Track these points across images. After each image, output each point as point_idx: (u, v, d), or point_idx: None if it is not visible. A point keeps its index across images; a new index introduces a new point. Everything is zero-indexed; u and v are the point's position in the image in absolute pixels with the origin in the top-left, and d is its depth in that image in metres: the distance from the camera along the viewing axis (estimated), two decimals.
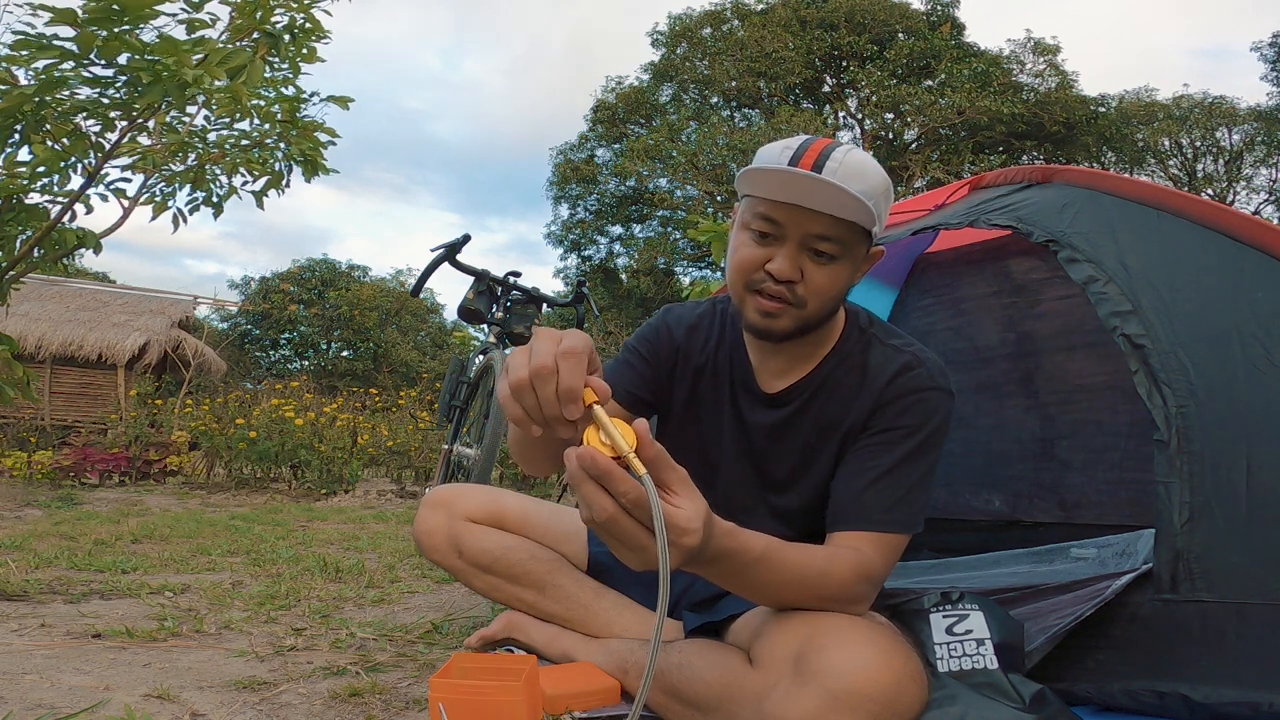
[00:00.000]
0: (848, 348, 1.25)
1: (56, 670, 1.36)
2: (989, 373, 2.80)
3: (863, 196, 1.06)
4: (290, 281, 18.70)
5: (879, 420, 1.19)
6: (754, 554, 0.98)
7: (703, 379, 1.31)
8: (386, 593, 2.21)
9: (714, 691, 1.08)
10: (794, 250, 1.11)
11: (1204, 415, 1.22)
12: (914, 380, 1.19)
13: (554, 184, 22.03)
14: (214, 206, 2.97)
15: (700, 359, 1.31)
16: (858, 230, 1.12)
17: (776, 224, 1.11)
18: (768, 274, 1.12)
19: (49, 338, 9.98)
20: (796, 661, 0.99)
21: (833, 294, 1.15)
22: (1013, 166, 1.95)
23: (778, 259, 1.11)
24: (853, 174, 1.09)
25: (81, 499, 4.85)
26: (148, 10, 2.11)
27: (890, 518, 1.13)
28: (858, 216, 1.09)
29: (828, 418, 1.23)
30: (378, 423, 7.48)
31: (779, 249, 1.12)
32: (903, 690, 0.97)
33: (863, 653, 0.97)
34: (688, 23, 21.18)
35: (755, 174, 1.10)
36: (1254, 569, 1.12)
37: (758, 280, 1.13)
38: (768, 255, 1.12)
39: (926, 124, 18.81)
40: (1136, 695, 1.15)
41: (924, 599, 1.25)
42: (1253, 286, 1.28)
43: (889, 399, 1.19)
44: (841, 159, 1.10)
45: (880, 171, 1.14)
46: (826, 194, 1.06)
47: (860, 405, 1.21)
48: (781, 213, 1.10)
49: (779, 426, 1.25)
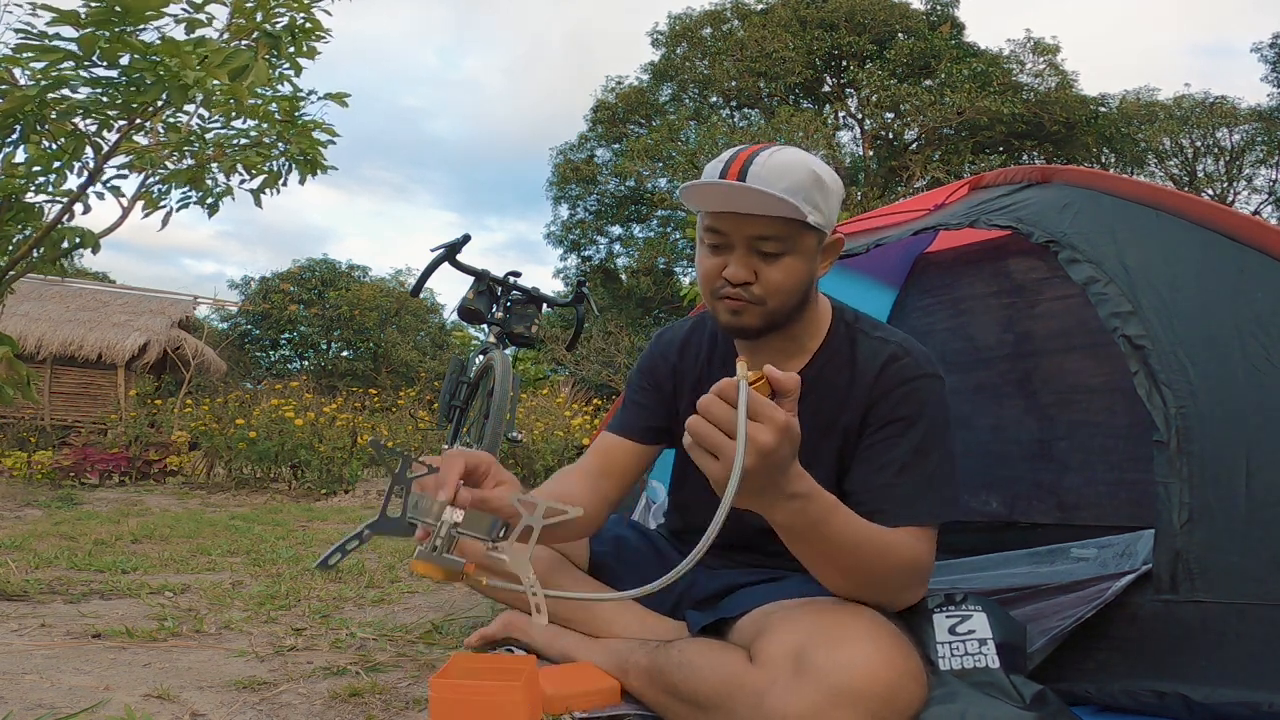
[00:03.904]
0: (835, 343, 1.30)
1: (56, 670, 1.36)
2: (988, 373, 2.80)
3: (787, 194, 1.13)
4: (290, 281, 18.69)
5: (877, 415, 1.23)
6: (830, 501, 1.03)
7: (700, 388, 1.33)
8: (386, 593, 2.21)
9: (713, 689, 1.09)
10: (743, 254, 1.19)
11: (1203, 416, 1.22)
12: (903, 370, 1.24)
13: (554, 184, 22.02)
14: (209, 207, 2.97)
15: (695, 373, 1.39)
16: (795, 225, 1.17)
17: (721, 233, 1.19)
18: (724, 280, 1.20)
19: (49, 338, 9.98)
20: (796, 659, 1.00)
21: (790, 287, 1.21)
22: (1013, 166, 1.95)
23: (731, 265, 1.19)
24: (775, 174, 1.15)
25: (81, 499, 4.85)
26: (149, 11, 2.11)
27: (920, 510, 1.16)
28: (786, 212, 1.14)
29: (824, 413, 1.27)
30: (377, 423, 7.48)
31: (730, 255, 1.20)
32: (902, 688, 0.97)
33: (862, 650, 0.98)
34: (688, 22, 21.17)
35: (691, 191, 1.17)
36: (1254, 569, 1.12)
37: (719, 287, 1.21)
38: (723, 263, 1.20)
39: (926, 124, 18.80)
40: (1137, 695, 1.15)
41: (927, 599, 1.25)
42: (1252, 287, 1.28)
43: (882, 392, 1.23)
44: (764, 162, 1.17)
45: (807, 165, 1.18)
46: (751, 198, 1.14)
47: (855, 400, 1.25)
48: (723, 222, 1.18)
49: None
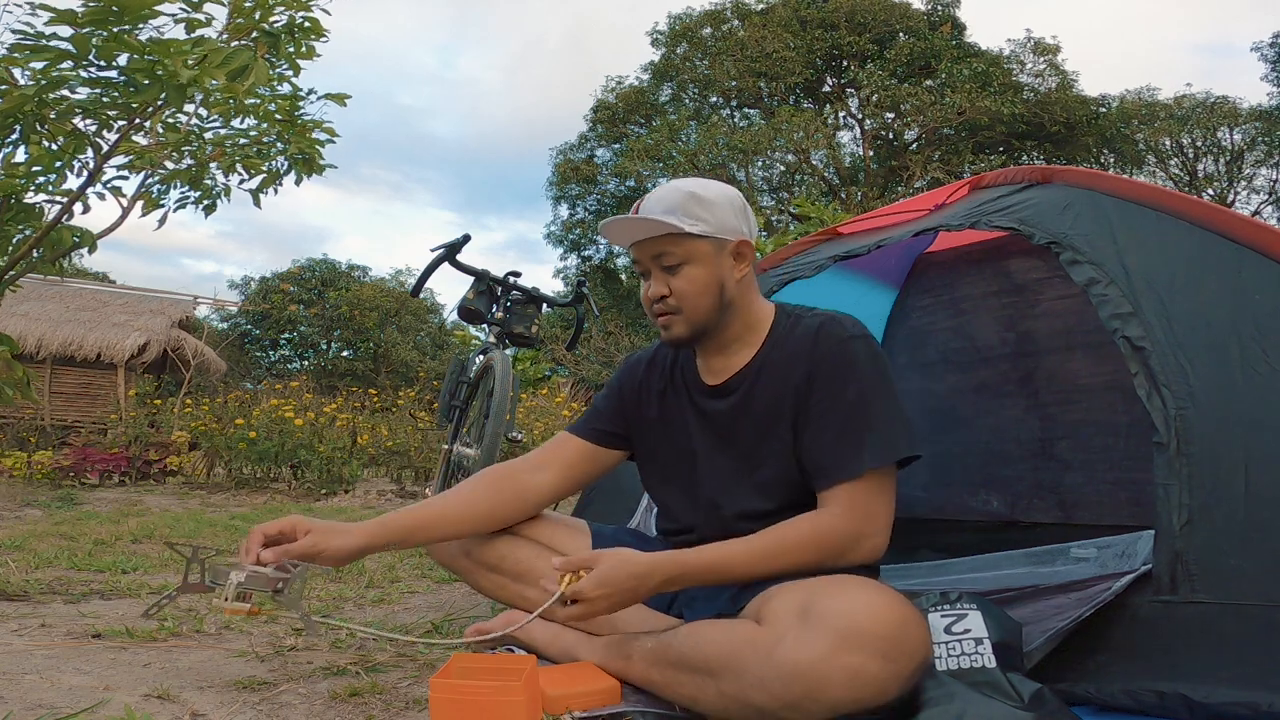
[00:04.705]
0: (778, 334, 1.42)
1: (56, 670, 1.36)
2: (988, 373, 2.81)
3: (662, 215, 1.32)
4: (290, 281, 18.70)
5: (818, 382, 1.33)
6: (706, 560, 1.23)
7: (666, 397, 1.52)
8: (386, 593, 2.22)
9: (722, 651, 1.11)
10: (656, 274, 1.38)
11: (1203, 417, 1.22)
12: (833, 334, 1.34)
13: (554, 184, 22.02)
14: (206, 207, 2.97)
15: (660, 383, 1.53)
16: (681, 237, 1.34)
17: (638, 261, 1.40)
18: (650, 300, 1.39)
19: (49, 338, 9.97)
20: (802, 611, 1.05)
21: (697, 290, 1.36)
22: (1013, 167, 1.95)
23: (649, 286, 1.39)
24: (654, 201, 1.36)
25: (81, 499, 4.85)
26: (146, 10, 2.11)
27: (864, 457, 1.25)
28: (662, 230, 1.33)
29: (774, 392, 1.37)
30: (377, 423, 7.48)
31: (650, 279, 1.39)
32: (908, 629, 1.02)
33: (865, 595, 1.04)
34: (688, 22, 21.16)
35: (605, 230, 1.39)
36: (1253, 570, 1.12)
37: (652, 308, 1.40)
38: (648, 286, 1.40)
39: (927, 124, 18.80)
40: (1137, 695, 1.15)
41: (922, 599, 1.25)
42: (1252, 288, 1.28)
43: (818, 359, 1.34)
44: (650, 195, 1.37)
45: (682, 188, 1.35)
46: (637, 225, 1.34)
47: (797, 372, 1.35)
48: (634, 252, 1.39)
49: (733, 411, 1.42)
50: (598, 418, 1.57)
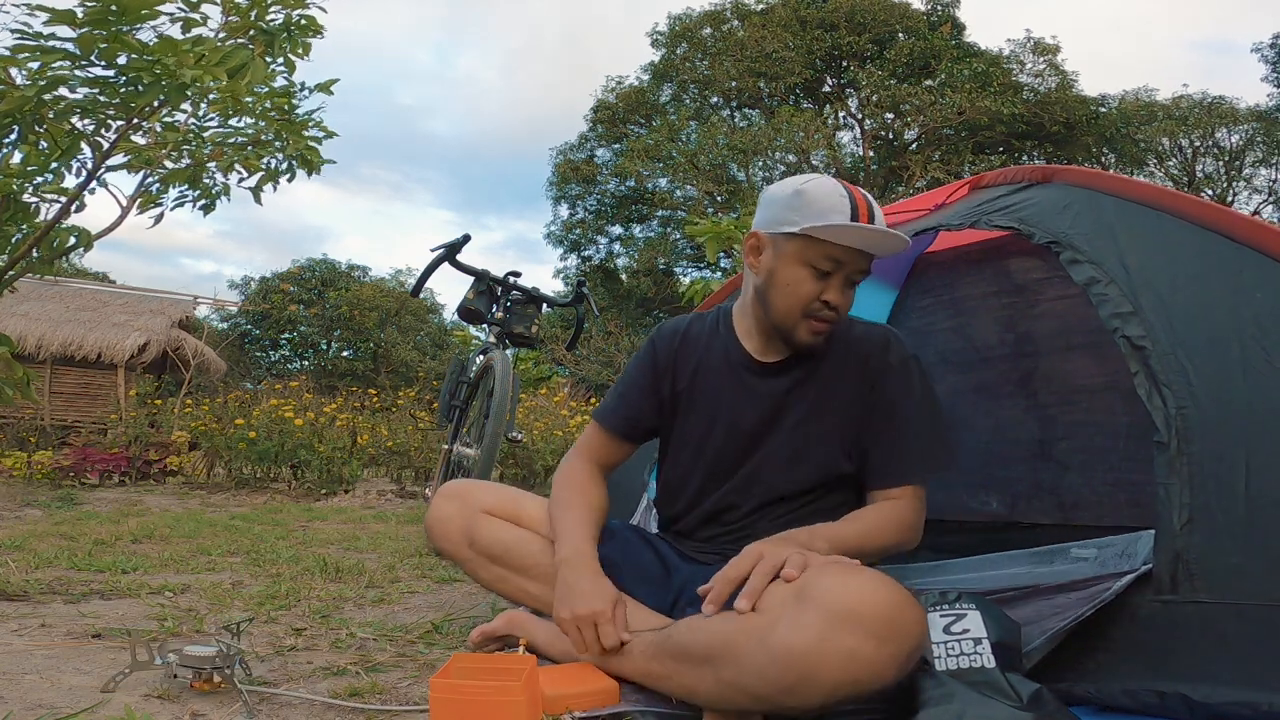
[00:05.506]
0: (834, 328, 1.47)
1: (56, 670, 1.36)
2: (988, 373, 2.80)
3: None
4: (290, 281, 18.71)
5: (888, 389, 1.44)
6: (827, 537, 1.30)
7: (699, 373, 1.55)
8: (386, 593, 2.22)
9: (720, 639, 1.11)
10: (846, 286, 1.40)
11: (1203, 417, 1.22)
12: (901, 348, 1.47)
13: (554, 184, 22.03)
14: (204, 206, 2.97)
15: (694, 358, 1.56)
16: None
17: (840, 264, 1.38)
18: (824, 304, 1.39)
19: (49, 338, 9.96)
20: (796, 594, 1.05)
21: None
22: (1013, 166, 1.95)
23: (831, 291, 1.38)
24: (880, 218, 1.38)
25: (81, 499, 4.85)
26: (146, 11, 2.11)
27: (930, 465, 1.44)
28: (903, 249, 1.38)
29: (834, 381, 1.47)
30: (377, 423, 7.48)
31: (830, 283, 1.38)
32: (903, 612, 1.00)
33: (858, 578, 1.03)
34: (688, 23, 21.17)
35: (836, 230, 1.34)
36: (1253, 570, 1.12)
37: (816, 309, 1.39)
38: (823, 288, 1.39)
39: (926, 124, 18.81)
40: (1137, 695, 1.15)
41: (922, 599, 1.25)
42: (1252, 288, 1.28)
43: (886, 367, 1.45)
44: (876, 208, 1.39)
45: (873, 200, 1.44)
46: (890, 242, 1.35)
47: (863, 371, 1.46)
48: (848, 255, 1.37)
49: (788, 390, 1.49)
50: (639, 415, 1.60)
